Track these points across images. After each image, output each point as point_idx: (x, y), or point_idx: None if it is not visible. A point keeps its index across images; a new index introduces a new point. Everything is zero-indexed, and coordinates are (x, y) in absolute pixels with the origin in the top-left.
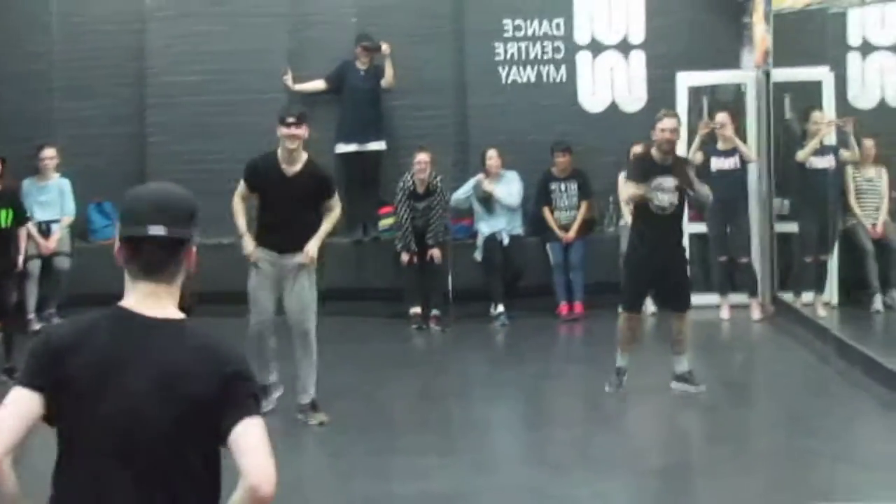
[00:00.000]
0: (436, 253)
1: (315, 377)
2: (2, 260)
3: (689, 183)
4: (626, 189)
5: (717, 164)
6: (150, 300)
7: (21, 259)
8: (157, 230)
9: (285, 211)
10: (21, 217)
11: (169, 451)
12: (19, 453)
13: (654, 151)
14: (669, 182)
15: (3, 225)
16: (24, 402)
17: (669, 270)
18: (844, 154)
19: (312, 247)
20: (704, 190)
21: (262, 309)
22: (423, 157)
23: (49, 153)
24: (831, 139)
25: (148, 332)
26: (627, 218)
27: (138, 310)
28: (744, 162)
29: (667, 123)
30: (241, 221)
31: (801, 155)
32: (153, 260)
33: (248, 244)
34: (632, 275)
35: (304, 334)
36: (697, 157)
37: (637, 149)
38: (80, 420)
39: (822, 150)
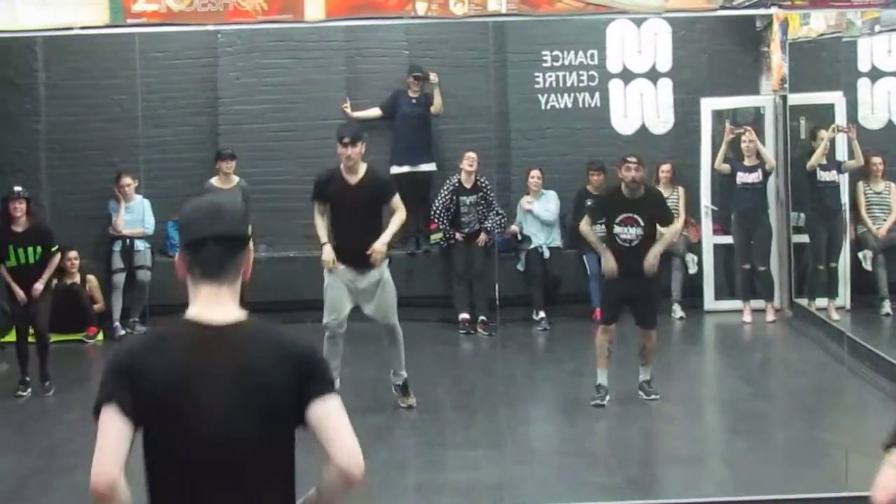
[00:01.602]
0: (482, 238)
1: (403, 363)
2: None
3: (659, 218)
4: (583, 226)
5: (741, 177)
6: (214, 303)
7: (41, 286)
8: (216, 230)
9: (353, 217)
10: (50, 252)
11: (259, 448)
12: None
13: (623, 188)
14: (635, 218)
15: (31, 261)
16: (116, 419)
17: (637, 295)
18: (849, 163)
19: (382, 242)
20: (674, 228)
21: (336, 311)
22: (472, 154)
23: (126, 181)
24: (841, 154)
25: (217, 339)
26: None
27: (204, 318)
28: (766, 176)
29: (630, 166)
30: (322, 232)
31: (809, 163)
32: (214, 261)
33: (328, 252)
34: (606, 294)
35: (392, 328)
36: (724, 168)
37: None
38: (165, 432)
39: (828, 165)
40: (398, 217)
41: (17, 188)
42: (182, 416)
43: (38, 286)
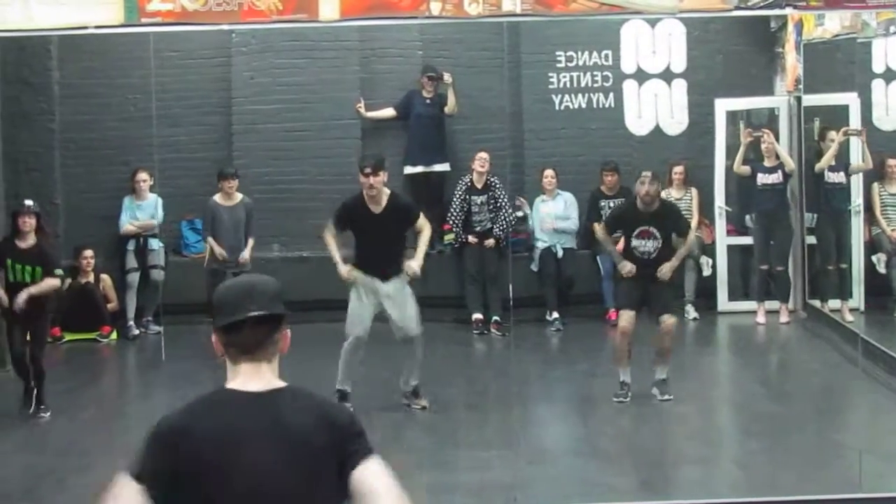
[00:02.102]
0: (490, 241)
1: (418, 372)
2: (33, 312)
3: (676, 229)
4: (599, 232)
5: (762, 179)
6: (253, 378)
7: (25, 296)
8: (253, 311)
9: (378, 246)
10: (50, 275)
11: None
12: None
13: (638, 202)
14: (651, 231)
15: (28, 280)
16: (132, 495)
17: (652, 290)
18: (856, 165)
19: (416, 265)
20: (690, 238)
21: (360, 327)
22: (483, 155)
23: (143, 176)
24: (854, 156)
25: (258, 403)
26: None
27: (242, 388)
28: (786, 177)
29: (644, 180)
30: (333, 251)
31: (818, 166)
32: (252, 340)
33: (342, 269)
34: (621, 289)
35: (417, 339)
36: (743, 170)
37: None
38: (209, 494)
39: (836, 167)
40: (426, 234)
41: (29, 202)
42: (226, 477)
43: (23, 296)
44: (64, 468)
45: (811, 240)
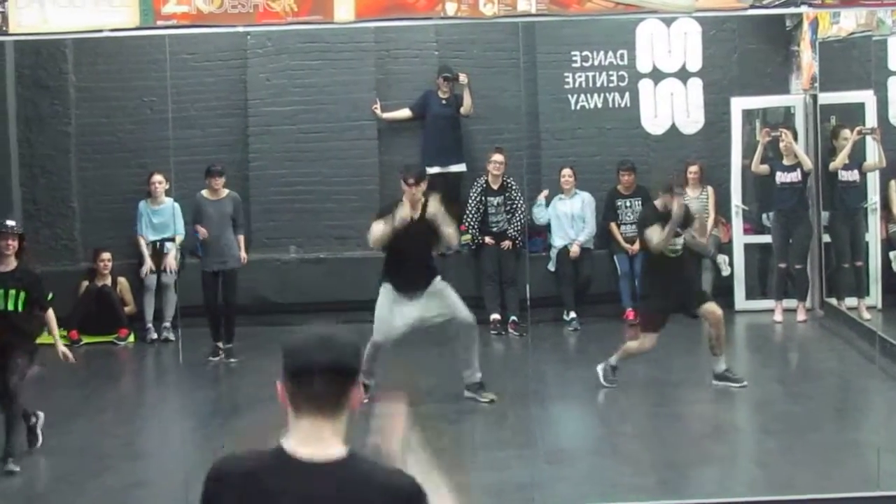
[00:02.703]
0: (507, 243)
1: (477, 361)
2: (12, 341)
3: (688, 225)
4: (656, 235)
5: (781, 177)
6: (313, 439)
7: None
8: (325, 361)
9: (411, 250)
10: (37, 302)
11: None
12: None
13: (659, 204)
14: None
15: (10, 307)
16: None
17: (683, 293)
18: (869, 164)
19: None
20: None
21: (386, 329)
22: (498, 157)
23: (158, 178)
24: (871, 155)
25: (308, 478)
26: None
27: (299, 452)
28: (805, 175)
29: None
30: (381, 227)
31: (832, 165)
32: (319, 392)
33: (401, 216)
34: (656, 304)
35: (468, 327)
36: (762, 169)
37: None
38: None
39: (849, 165)
40: (449, 225)
41: (10, 223)
42: None
43: (64, 350)
44: (81, 471)
45: (828, 238)
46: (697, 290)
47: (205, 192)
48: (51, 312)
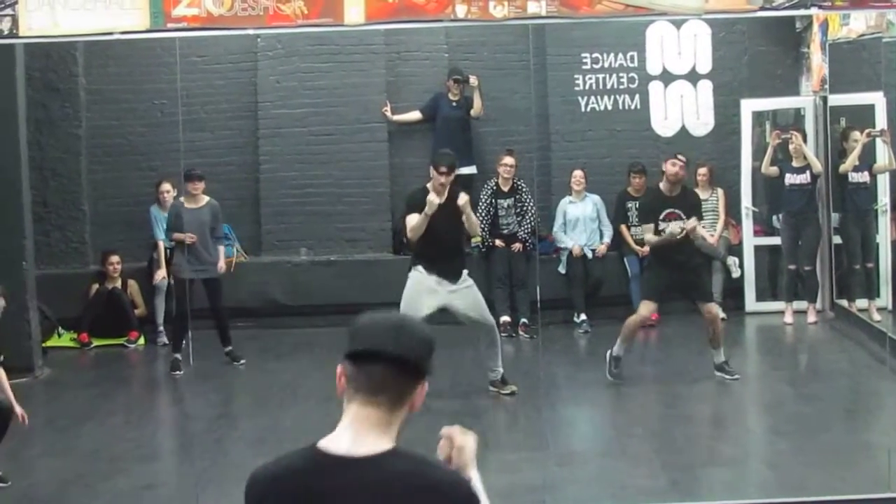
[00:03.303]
0: (517, 246)
1: (500, 359)
2: None
3: (696, 212)
4: (647, 234)
5: (790, 179)
6: (358, 428)
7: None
8: (392, 347)
9: (440, 235)
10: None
11: None
12: None
13: (662, 185)
14: (677, 213)
15: None
16: None
17: (685, 277)
18: (879, 165)
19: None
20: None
21: (412, 310)
22: (509, 160)
23: (166, 187)
24: (881, 157)
25: (344, 475)
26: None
27: (336, 446)
28: (814, 178)
29: (674, 165)
30: (417, 219)
31: (842, 167)
32: (376, 378)
33: (430, 201)
34: (649, 278)
35: (490, 329)
36: (772, 171)
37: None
38: None
39: (859, 167)
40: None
41: None
42: None
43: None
44: (92, 473)
45: (838, 240)
46: (705, 285)
47: (183, 200)
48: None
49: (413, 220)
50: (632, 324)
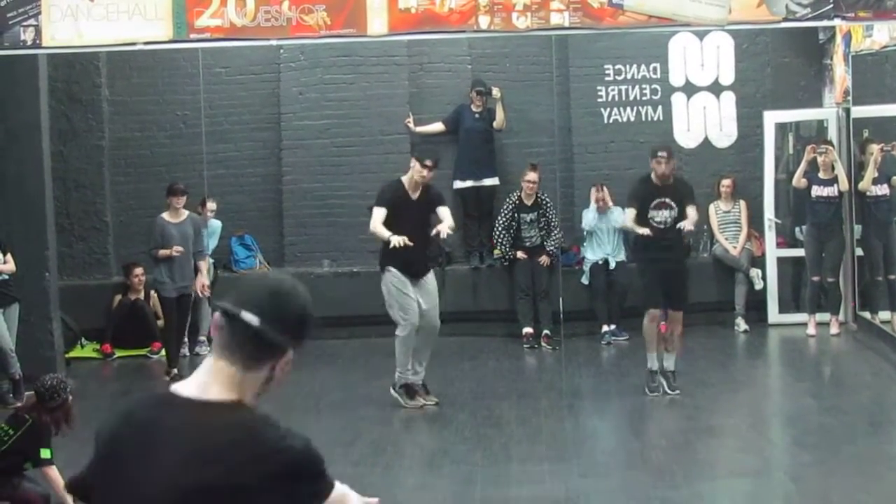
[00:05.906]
0: (544, 259)
1: (426, 362)
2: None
3: (689, 200)
4: (627, 217)
5: (817, 191)
6: (207, 378)
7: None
8: (245, 315)
9: (411, 229)
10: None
11: None
12: None
13: (653, 176)
14: (667, 202)
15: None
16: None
17: (671, 277)
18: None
19: (448, 225)
20: (693, 216)
21: (411, 312)
22: (532, 175)
23: (211, 206)
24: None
25: (182, 413)
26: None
27: (184, 390)
28: (840, 192)
29: (659, 163)
30: (384, 233)
31: (861, 184)
32: (232, 337)
33: (395, 239)
34: (649, 282)
35: (435, 330)
36: (802, 184)
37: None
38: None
39: (878, 179)
40: (447, 212)
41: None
42: (114, 483)
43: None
44: None
45: (861, 252)
46: (685, 291)
47: (165, 215)
48: (54, 471)
49: (379, 216)
50: (646, 332)
